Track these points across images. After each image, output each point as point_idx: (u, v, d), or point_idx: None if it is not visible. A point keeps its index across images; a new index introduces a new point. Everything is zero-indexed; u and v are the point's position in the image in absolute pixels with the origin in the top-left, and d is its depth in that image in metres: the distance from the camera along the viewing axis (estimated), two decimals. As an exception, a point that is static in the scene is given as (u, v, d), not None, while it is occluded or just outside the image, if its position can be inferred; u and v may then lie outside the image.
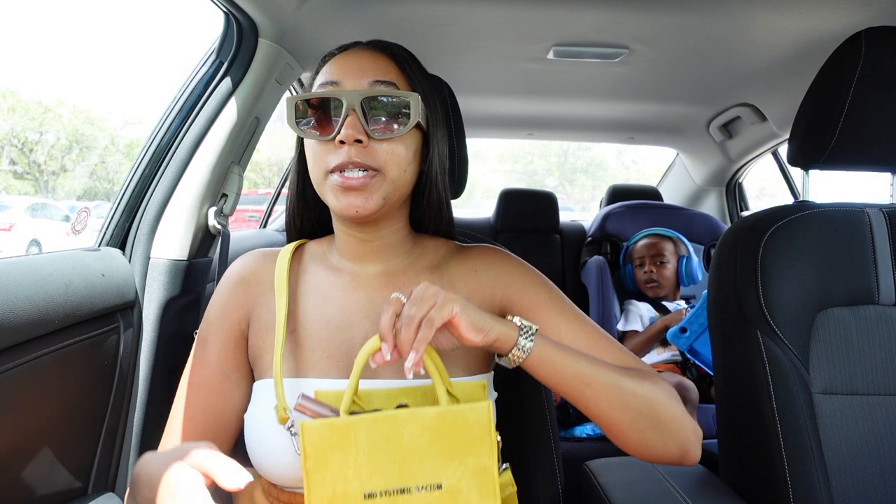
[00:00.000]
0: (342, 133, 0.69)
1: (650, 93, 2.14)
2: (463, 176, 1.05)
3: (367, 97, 0.70)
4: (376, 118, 0.71)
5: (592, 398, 0.67)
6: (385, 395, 0.69)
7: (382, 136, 0.70)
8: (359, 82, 0.72)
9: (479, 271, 0.81)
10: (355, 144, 0.69)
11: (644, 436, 0.68)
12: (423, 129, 0.77)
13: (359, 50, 0.76)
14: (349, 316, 0.76)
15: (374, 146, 0.71)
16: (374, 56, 0.75)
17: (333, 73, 0.74)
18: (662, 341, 2.11)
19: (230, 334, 0.79)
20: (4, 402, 0.80)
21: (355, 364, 0.64)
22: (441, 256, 0.83)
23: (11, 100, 17.33)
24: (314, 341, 0.75)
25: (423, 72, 0.79)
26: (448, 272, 0.81)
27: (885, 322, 0.97)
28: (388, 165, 0.71)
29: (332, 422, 0.61)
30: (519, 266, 0.82)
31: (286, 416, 0.68)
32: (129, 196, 1.20)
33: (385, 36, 0.80)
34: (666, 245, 2.29)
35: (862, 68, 0.95)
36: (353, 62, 0.74)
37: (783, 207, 1.02)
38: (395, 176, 0.72)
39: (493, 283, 0.80)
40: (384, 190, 0.72)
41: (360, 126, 0.70)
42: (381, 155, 0.71)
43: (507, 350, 0.65)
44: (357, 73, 0.73)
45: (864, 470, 0.93)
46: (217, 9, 1.20)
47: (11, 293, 0.80)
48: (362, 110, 0.70)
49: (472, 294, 0.79)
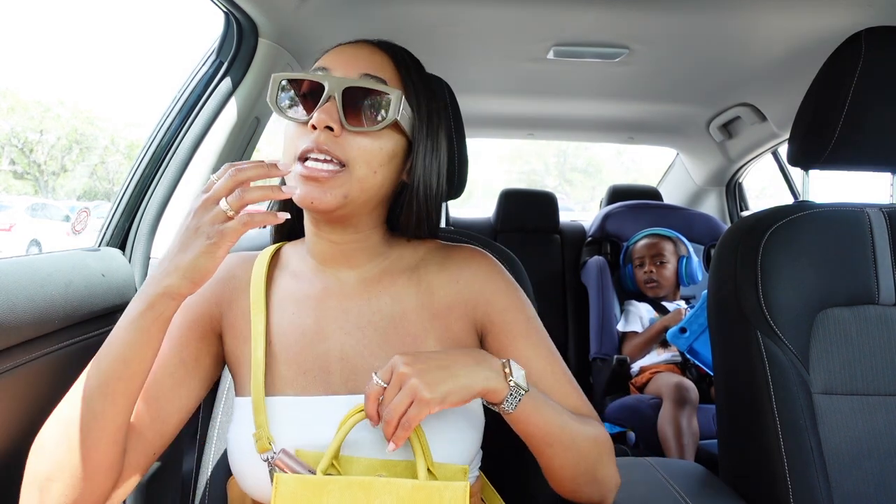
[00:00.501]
0: (315, 117, 0.66)
1: (650, 93, 2.14)
2: (463, 176, 1.05)
3: (350, 87, 0.67)
4: (355, 110, 0.68)
5: (549, 455, 0.69)
6: (366, 465, 0.67)
7: (355, 127, 0.67)
8: (348, 71, 0.70)
9: (461, 282, 0.77)
10: (326, 131, 0.66)
11: (579, 488, 0.72)
12: (406, 135, 0.72)
13: (361, 44, 0.74)
14: (324, 328, 0.73)
15: (346, 138, 0.67)
16: (372, 51, 0.73)
17: (327, 60, 0.72)
18: (662, 342, 2.12)
19: (197, 323, 0.75)
20: (4, 402, 0.80)
21: (338, 430, 0.64)
22: (420, 258, 0.80)
23: (11, 100, 17.33)
24: (289, 355, 0.73)
25: (422, 78, 0.76)
26: (427, 278, 0.78)
27: (885, 322, 0.97)
28: (356, 162, 0.68)
29: (307, 478, 0.62)
30: (501, 282, 0.79)
31: (267, 445, 0.66)
32: (129, 196, 1.20)
33: (385, 36, 0.80)
34: (666, 245, 2.29)
35: (862, 68, 0.95)
36: (349, 53, 0.72)
37: (783, 207, 1.02)
38: (362, 175, 0.68)
39: (476, 298, 0.77)
40: (347, 187, 0.67)
41: (336, 114, 0.67)
42: (350, 148, 0.67)
43: (492, 403, 0.65)
44: (349, 64, 0.71)
45: (865, 470, 0.93)
46: (217, 9, 1.20)
47: (11, 293, 0.80)
48: (343, 100, 0.67)
49: (451, 305, 0.76)
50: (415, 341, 0.73)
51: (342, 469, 0.66)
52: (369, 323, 0.74)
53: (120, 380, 0.62)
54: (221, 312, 0.77)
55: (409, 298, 0.75)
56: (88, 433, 0.61)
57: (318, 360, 0.72)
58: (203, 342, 0.75)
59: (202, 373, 0.75)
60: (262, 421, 0.68)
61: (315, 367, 0.72)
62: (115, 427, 0.63)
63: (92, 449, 0.62)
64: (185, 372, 0.73)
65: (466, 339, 0.76)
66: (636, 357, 2.17)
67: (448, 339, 0.74)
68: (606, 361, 2.23)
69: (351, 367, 0.72)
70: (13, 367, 0.81)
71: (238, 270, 0.79)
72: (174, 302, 0.62)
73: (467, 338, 0.76)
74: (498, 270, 0.80)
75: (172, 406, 0.72)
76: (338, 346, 0.73)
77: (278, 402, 0.70)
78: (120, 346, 0.62)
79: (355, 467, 0.67)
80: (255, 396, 0.69)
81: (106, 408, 0.62)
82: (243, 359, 0.74)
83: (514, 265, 0.97)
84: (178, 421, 0.73)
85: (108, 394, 0.62)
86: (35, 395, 0.86)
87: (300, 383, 0.71)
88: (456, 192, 1.07)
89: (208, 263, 0.60)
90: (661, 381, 1.96)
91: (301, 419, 0.69)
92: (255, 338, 0.72)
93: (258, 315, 0.73)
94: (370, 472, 0.67)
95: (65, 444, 0.62)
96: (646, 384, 2.06)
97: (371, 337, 0.73)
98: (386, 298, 0.75)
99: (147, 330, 0.62)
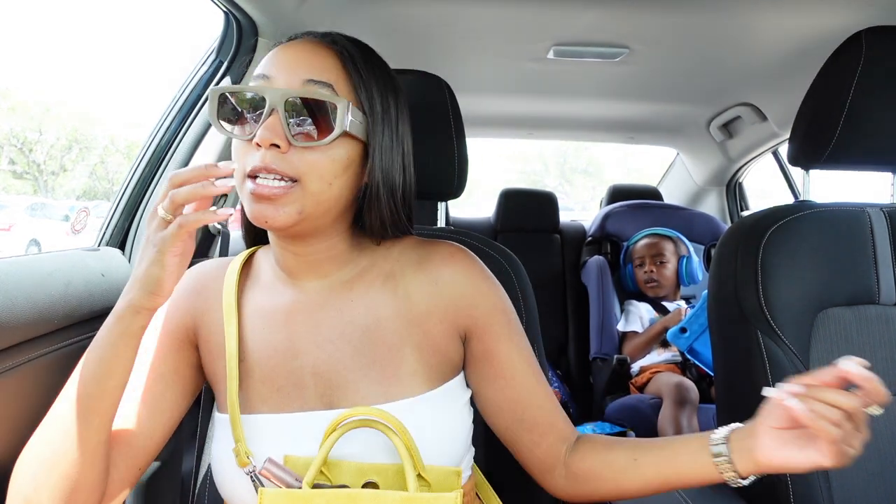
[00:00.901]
0: (258, 135, 0.62)
1: (650, 92, 2.14)
2: (463, 176, 1.04)
3: (292, 99, 0.62)
4: (300, 123, 0.63)
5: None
6: (356, 470, 0.66)
7: (302, 143, 0.63)
8: (291, 80, 0.64)
9: (440, 284, 0.73)
10: (272, 149, 0.62)
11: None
12: (360, 139, 0.67)
13: (303, 42, 0.68)
14: (295, 343, 0.71)
15: (294, 154, 0.63)
16: (316, 51, 0.67)
17: (268, 66, 0.66)
18: (663, 342, 2.12)
19: (173, 335, 0.74)
20: (4, 402, 0.80)
21: (326, 438, 0.64)
22: (394, 259, 0.75)
23: (11, 99, 17.33)
24: (263, 372, 0.71)
25: (372, 69, 0.69)
26: (404, 282, 0.73)
27: (885, 322, 0.97)
28: (308, 177, 0.63)
29: (292, 492, 0.62)
30: (482, 283, 0.75)
31: (246, 460, 0.66)
32: (128, 196, 1.20)
33: (385, 36, 0.79)
34: (666, 245, 2.29)
35: (862, 68, 0.95)
36: (291, 56, 0.66)
37: (783, 207, 1.02)
38: (317, 189, 0.64)
39: (457, 302, 0.73)
40: (301, 203, 0.63)
41: (280, 130, 0.62)
42: (300, 164, 0.63)
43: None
44: (291, 69, 0.65)
45: (865, 470, 0.93)
46: (217, 8, 1.20)
47: (11, 293, 0.79)
48: (285, 112, 0.62)
49: (430, 310, 0.73)
50: (390, 351, 0.71)
51: (331, 475, 0.65)
52: (342, 335, 0.71)
53: (91, 398, 0.61)
54: (196, 324, 0.75)
55: (384, 306, 0.72)
56: (65, 454, 0.60)
57: (291, 376, 0.70)
58: (181, 353, 0.74)
59: (183, 384, 0.74)
60: (239, 435, 0.67)
61: (289, 383, 0.70)
62: (92, 446, 0.62)
63: (70, 469, 0.61)
64: (165, 385, 0.72)
65: (447, 344, 0.73)
66: (637, 357, 2.16)
67: (427, 346, 0.72)
68: (607, 361, 2.23)
69: (325, 381, 0.70)
70: (13, 367, 0.80)
71: (210, 280, 0.77)
72: (139, 315, 0.62)
73: (448, 342, 0.73)
74: (478, 269, 0.76)
75: (155, 420, 0.70)
76: (310, 362, 0.70)
77: (255, 419, 0.69)
78: (91, 364, 0.62)
79: (345, 472, 0.66)
80: (231, 413, 0.68)
81: (80, 427, 0.61)
82: (219, 375, 0.73)
83: (514, 265, 0.97)
84: (162, 435, 0.71)
85: (81, 412, 0.61)
86: (35, 395, 0.86)
87: (275, 400, 0.70)
88: (456, 193, 1.07)
89: (160, 273, 0.60)
90: (662, 381, 1.96)
91: (278, 437, 0.68)
92: (229, 354, 0.70)
93: (230, 328, 0.71)
94: (359, 476, 0.66)
95: (44, 465, 0.61)
96: (646, 384, 2.06)
97: (344, 350, 0.70)
98: (360, 308, 0.72)
99: (115, 345, 0.61)
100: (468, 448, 0.75)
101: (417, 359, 0.71)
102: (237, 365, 0.70)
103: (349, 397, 0.69)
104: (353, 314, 0.72)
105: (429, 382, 0.71)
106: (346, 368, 0.70)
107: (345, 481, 0.65)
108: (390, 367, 0.70)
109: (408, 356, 0.71)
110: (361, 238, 0.75)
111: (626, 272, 2.38)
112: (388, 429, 0.65)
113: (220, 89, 0.65)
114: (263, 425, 0.69)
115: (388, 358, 0.70)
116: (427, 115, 1.04)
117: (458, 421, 0.72)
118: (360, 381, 0.69)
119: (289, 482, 0.63)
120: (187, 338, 0.75)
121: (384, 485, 0.66)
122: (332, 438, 0.64)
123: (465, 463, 0.74)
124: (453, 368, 0.75)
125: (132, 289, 0.61)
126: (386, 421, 0.65)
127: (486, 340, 0.74)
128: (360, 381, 0.69)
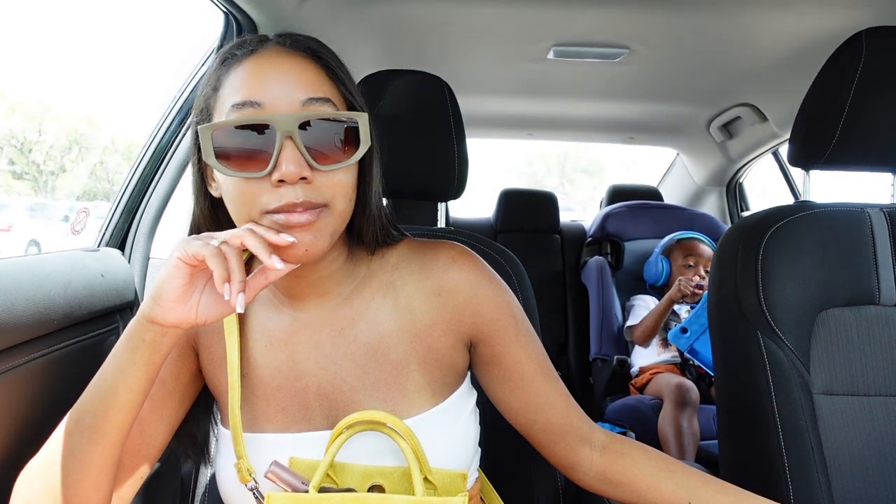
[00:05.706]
0: (283, 171, 0.56)
1: (650, 93, 2.14)
2: (463, 176, 1.04)
3: (305, 122, 0.57)
4: (319, 146, 0.58)
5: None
6: (362, 473, 0.65)
7: (327, 166, 0.58)
8: (290, 102, 0.58)
9: (444, 294, 0.70)
10: (300, 182, 0.57)
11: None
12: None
13: (276, 54, 0.61)
14: (298, 364, 0.69)
15: (320, 179, 0.59)
16: (300, 65, 0.61)
17: (251, 90, 0.59)
18: (663, 341, 2.11)
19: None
20: (4, 402, 0.80)
21: (332, 441, 0.63)
22: (393, 267, 0.72)
23: (10, 99, 17.33)
24: (267, 391, 0.69)
25: (348, 73, 0.66)
26: (405, 293, 0.70)
27: (885, 323, 0.97)
28: (336, 199, 0.60)
29: (298, 497, 0.61)
30: (487, 287, 0.72)
31: (247, 476, 0.65)
32: (128, 196, 1.20)
33: (385, 36, 0.79)
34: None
35: (862, 68, 0.95)
36: (274, 74, 0.59)
37: (783, 207, 1.02)
38: (343, 209, 0.61)
39: (461, 311, 0.70)
40: (332, 226, 0.61)
41: (301, 158, 0.57)
42: (328, 188, 0.59)
43: None
44: (286, 91, 0.59)
45: (865, 470, 0.93)
46: (216, 8, 1.20)
47: (11, 293, 0.79)
48: (301, 139, 0.57)
49: (434, 321, 0.70)
50: (395, 369, 0.69)
51: (337, 478, 0.65)
52: (345, 355, 0.69)
53: (95, 415, 0.59)
54: (197, 332, 0.74)
55: (386, 321, 0.70)
56: (68, 474, 0.59)
57: (296, 397, 0.69)
58: (182, 360, 0.72)
59: (181, 390, 0.72)
60: (241, 452, 0.67)
61: (293, 404, 0.69)
62: (98, 469, 0.60)
63: (71, 491, 0.59)
64: (165, 391, 0.70)
65: (452, 356, 0.72)
66: (648, 341, 2.11)
67: (432, 360, 0.70)
68: (607, 362, 2.23)
69: (331, 402, 0.69)
70: (12, 368, 0.80)
71: None
72: (143, 328, 0.58)
73: (453, 354, 0.72)
74: (482, 272, 0.73)
75: (155, 428, 0.69)
76: (314, 382, 0.69)
77: (260, 439, 0.68)
78: (96, 382, 0.60)
79: (351, 474, 0.66)
80: (233, 428, 0.68)
81: (85, 447, 0.59)
82: (222, 388, 0.71)
83: (515, 265, 0.97)
84: (161, 442, 0.70)
85: (85, 431, 0.59)
86: (35, 395, 0.86)
87: (280, 420, 0.69)
88: (456, 193, 1.06)
89: (164, 278, 0.57)
90: (662, 381, 1.96)
91: (285, 457, 0.67)
92: (230, 367, 0.69)
93: (232, 340, 0.70)
94: (366, 479, 0.66)
95: (46, 485, 0.59)
96: (646, 385, 2.05)
97: (349, 369, 0.69)
98: (362, 325, 0.70)
99: (118, 357, 0.59)
100: (475, 451, 0.74)
101: (423, 374, 0.69)
102: (239, 378, 0.69)
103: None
104: (355, 332, 0.70)
105: (434, 398, 0.69)
106: (352, 389, 0.69)
107: (350, 484, 0.65)
108: (395, 386, 0.69)
109: (413, 373, 0.69)
110: (354, 249, 0.72)
111: (658, 262, 2.23)
112: (395, 432, 0.64)
113: (213, 126, 0.58)
114: (269, 445, 0.68)
115: (394, 376, 0.69)
116: (427, 116, 1.04)
117: (465, 430, 0.71)
118: (365, 402, 0.68)
119: (295, 485, 0.63)
120: (187, 342, 0.73)
121: (390, 488, 0.65)
122: (338, 442, 0.64)
123: (472, 465, 0.73)
124: (459, 376, 0.73)
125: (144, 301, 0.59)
126: (392, 424, 0.64)
127: (492, 346, 0.72)
128: (365, 400, 0.68)
